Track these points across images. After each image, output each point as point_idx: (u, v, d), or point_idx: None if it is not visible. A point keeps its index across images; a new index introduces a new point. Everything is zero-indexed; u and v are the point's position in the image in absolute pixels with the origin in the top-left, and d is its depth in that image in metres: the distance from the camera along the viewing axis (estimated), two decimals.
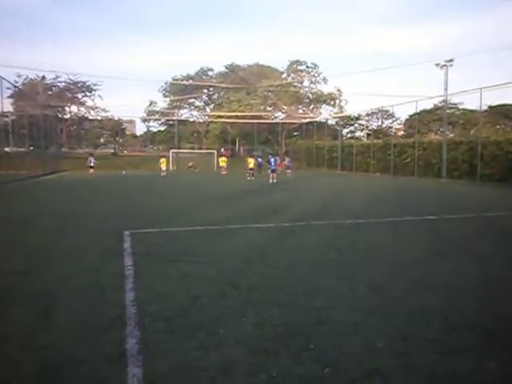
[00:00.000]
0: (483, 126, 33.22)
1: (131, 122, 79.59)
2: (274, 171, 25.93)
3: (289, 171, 32.28)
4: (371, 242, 8.04)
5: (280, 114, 58.97)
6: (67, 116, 58.47)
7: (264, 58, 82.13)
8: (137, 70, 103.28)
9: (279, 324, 4.00)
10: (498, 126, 48.62)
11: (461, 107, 48.87)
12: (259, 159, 28.74)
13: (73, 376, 3.10)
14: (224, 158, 38.25)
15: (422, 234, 8.81)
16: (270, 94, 56.66)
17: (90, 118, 60.95)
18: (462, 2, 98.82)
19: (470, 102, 42.85)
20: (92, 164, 34.37)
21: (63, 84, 57.19)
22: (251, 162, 28.95)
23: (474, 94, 26.73)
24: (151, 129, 75.80)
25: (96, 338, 3.73)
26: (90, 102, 58.50)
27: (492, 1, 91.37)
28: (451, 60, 29.13)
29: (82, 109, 58.67)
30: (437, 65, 29.97)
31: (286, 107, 57.45)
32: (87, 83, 57.61)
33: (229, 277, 5.58)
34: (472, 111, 47.69)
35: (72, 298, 4.81)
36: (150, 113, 65.53)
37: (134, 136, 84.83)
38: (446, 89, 29.38)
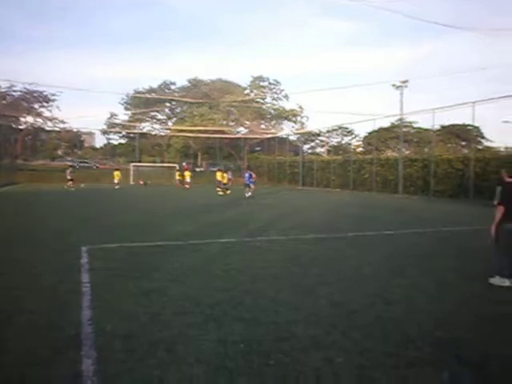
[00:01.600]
0: (436, 145, 34.87)
1: (90, 134, 77.54)
2: (248, 186, 25.98)
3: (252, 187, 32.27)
4: (332, 256, 8.18)
5: (242, 129, 59.42)
6: (23, 126, 56.15)
7: (227, 74, 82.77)
8: (97, 82, 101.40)
9: (240, 340, 3.99)
10: (449, 145, 51.19)
11: (416, 126, 51.06)
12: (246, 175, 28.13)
13: None
14: (188, 172, 38.10)
15: (380, 249, 9.06)
16: (232, 109, 57.01)
17: (47, 128, 58.85)
18: (417, 29, 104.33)
19: (424, 122, 44.94)
20: (70, 177, 33.06)
21: (18, 93, 55.01)
22: (225, 178, 28.58)
23: (427, 114, 28.05)
24: (111, 141, 74.23)
25: (49, 359, 3.58)
26: (47, 113, 56.54)
27: (441, 29, 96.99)
28: (406, 81, 30.55)
29: (39, 119, 56.56)
30: (393, 85, 31.37)
31: (248, 122, 57.95)
32: (44, 93, 55.74)
33: (191, 293, 5.51)
34: (426, 130, 50.02)
35: (25, 317, 4.59)
36: (111, 125, 64.24)
37: (94, 148, 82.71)
38: (401, 108, 30.72)
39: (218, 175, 30.16)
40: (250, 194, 25.16)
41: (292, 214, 16.31)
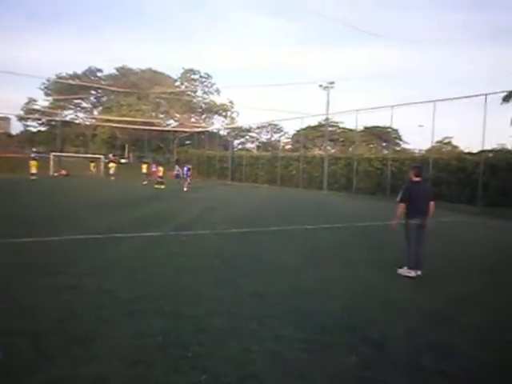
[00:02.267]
0: (359, 145, 36.81)
1: (5, 119, 71.53)
2: (185, 179, 25.86)
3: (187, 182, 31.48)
4: (254, 250, 8.38)
5: (172, 121, 58.20)
6: None
7: (157, 64, 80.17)
8: (14, 63, 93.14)
9: (158, 334, 3.97)
10: (371, 145, 54.32)
11: (341, 126, 53.48)
12: (180, 169, 27.99)
13: None
14: (114, 164, 36.60)
15: (301, 243, 9.44)
16: (162, 101, 55.56)
17: None
18: (347, 35, 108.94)
19: (350, 123, 47.26)
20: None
21: None
22: (160, 170, 28.00)
23: (352, 115, 29.52)
24: (29, 128, 68.94)
25: None
26: None
27: (366, 36, 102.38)
28: (333, 82, 31.86)
29: None
30: (320, 86, 32.57)
31: (178, 115, 56.86)
32: None
33: (109, 287, 5.36)
34: (350, 130, 52.68)
35: None
36: (29, 111, 59.67)
37: (9, 135, 76.35)
38: (327, 108, 32.00)
39: (144, 167, 31.02)
40: (186, 188, 25.02)
41: (219, 208, 16.37)
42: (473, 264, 8.08)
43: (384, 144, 53.97)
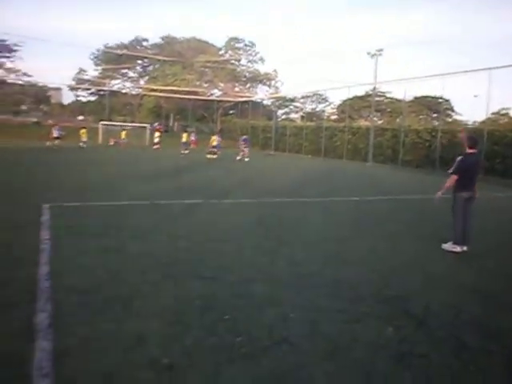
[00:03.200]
0: (408, 116, 35.26)
1: (58, 89, 74.14)
2: (242, 150, 26.17)
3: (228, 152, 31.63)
4: (296, 220, 8.33)
5: (216, 91, 58.18)
6: None
7: (201, 33, 79.61)
8: (65, 33, 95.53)
9: (197, 297, 4.06)
10: (420, 116, 51.95)
11: (389, 96, 51.37)
12: (219, 139, 27.96)
13: None
14: (158, 133, 37.19)
15: (344, 214, 9.29)
16: (206, 70, 55.54)
17: (10, 81, 55.79)
18: None
19: (398, 92, 45.27)
20: (57, 134, 31.21)
21: None
22: (214, 140, 27.49)
23: (401, 85, 28.28)
24: (80, 98, 71.33)
25: (2, 312, 3.56)
26: (9, 64, 53.42)
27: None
28: (381, 50, 30.40)
29: (0, 70, 53.52)
30: (368, 53, 31.20)
31: (222, 84, 56.73)
32: (6, 43, 52.47)
33: (151, 251, 5.53)
34: (399, 100, 50.51)
35: None
36: (79, 81, 61.55)
37: (62, 105, 79.36)
38: (375, 77, 30.71)
39: (184, 137, 31.19)
40: (244, 157, 25.38)
41: (261, 178, 16.37)
42: None
43: (434, 115, 51.47)
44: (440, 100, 35.36)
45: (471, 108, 79.16)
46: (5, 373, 2.71)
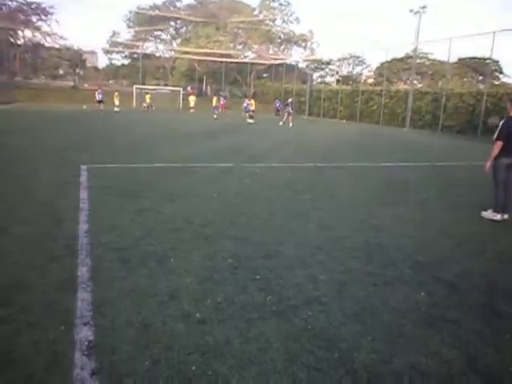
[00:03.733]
0: (451, 78, 33.54)
1: (93, 53, 74.67)
2: (290, 114, 25.76)
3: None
4: (328, 184, 8.27)
5: (250, 53, 57.12)
6: (21, 42, 54.01)
7: None
8: None
9: (229, 256, 4.15)
10: (465, 79, 49.33)
11: (431, 57, 48.86)
12: (248, 102, 27.67)
13: (21, 300, 3.14)
14: (193, 97, 37.14)
15: (377, 180, 9.11)
16: (240, 31, 54.40)
17: (47, 45, 56.60)
18: None
19: (441, 53, 42.96)
20: (100, 98, 31.83)
21: (14, 4, 52.10)
22: (253, 104, 27.16)
23: (445, 45, 26.80)
24: (114, 62, 71.74)
25: (46, 265, 3.76)
26: (45, 27, 53.99)
27: None
28: (424, 7, 28.73)
29: (38, 34, 54.14)
30: (411, 11, 29.54)
31: (256, 46, 55.55)
32: (42, 5, 52.86)
33: (185, 212, 5.65)
34: (441, 62, 47.96)
35: (21, 228, 4.76)
36: (113, 44, 61.76)
37: (96, 69, 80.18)
38: (417, 36, 29.19)
39: (214, 100, 31.38)
40: (289, 123, 25.02)
41: (294, 142, 16.20)
42: None
43: (480, 78, 48.69)
44: (488, 61, 33.29)
45: None
46: (50, 322, 2.89)
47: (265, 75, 56.18)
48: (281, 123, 25.25)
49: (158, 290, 3.40)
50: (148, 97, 36.11)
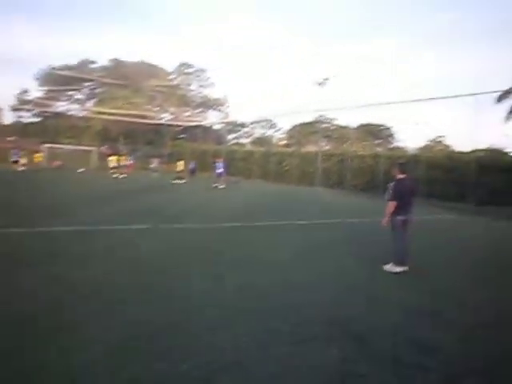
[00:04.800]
0: (354, 142, 36.98)
1: None
2: (220, 176, 25.90)
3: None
4: (245, 245, 8.47)
5: (166, 115, 57.98)
6: None
7: (151, 58, 79.00)
8: (9, 53, 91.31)
9: (147, 322, 4.04)
10: (364, 143, 54.55)
11: (335, 123, 53.61)
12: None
13: None
14: (114, 157, 35.74)
15: (294, 238, 9.52)
16: (156, 94, 55.37)
17: None
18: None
19: (344, 120, 47.44)
20: (17, 158, 29.09)
21: None
22: (181, 165, 30.08)
23: (348, 112, 29.71)
24: (22, 119, 68.21)
25: None
26: None
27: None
28: (327, 78, 31.98)
29: None
30: (316, 82, 32.66)
31: (172, 109, 56.70)
32: None
33: (95, 278, 5.43)
34: (344, 127, 52.82)
35: None
36: (22, 101, 59.06)
37: (3, 125, 75.39)
38: (319, 108, 32.05)
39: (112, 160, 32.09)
40: (222, 185, 24.91)
41: (209, 203, 16.43)
42: (459, 260, 8.22)
43: (378, 141, 54.21)
44: (381, 127, 37.41)
45: (413, 135, 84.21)
46: None
47: (181, 136, 57.06)
48: (221, 186, 25.16)
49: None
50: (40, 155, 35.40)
